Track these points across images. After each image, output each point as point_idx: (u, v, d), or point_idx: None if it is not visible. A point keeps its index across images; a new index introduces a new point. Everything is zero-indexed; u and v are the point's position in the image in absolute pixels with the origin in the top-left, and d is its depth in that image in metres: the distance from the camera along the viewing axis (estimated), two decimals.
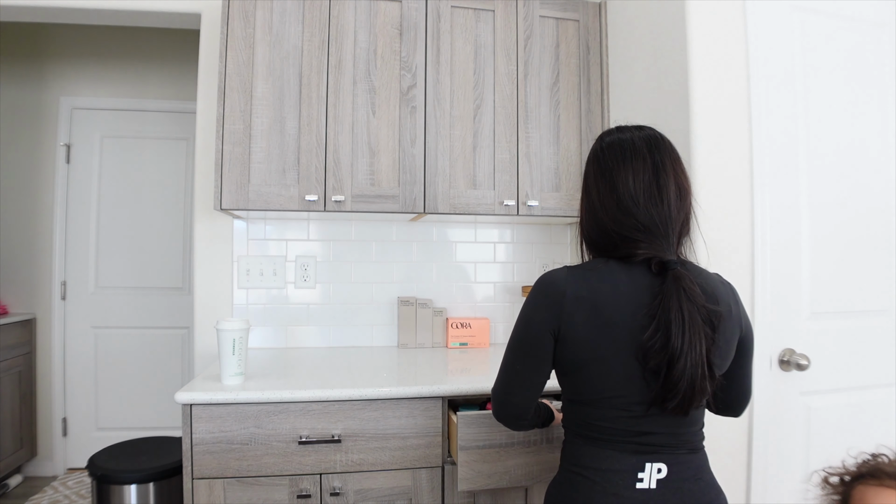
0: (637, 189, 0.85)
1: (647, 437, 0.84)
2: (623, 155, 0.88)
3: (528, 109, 1.82)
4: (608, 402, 0.84)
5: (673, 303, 0.79)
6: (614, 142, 0.91)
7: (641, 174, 0.86)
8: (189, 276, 2.99)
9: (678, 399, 0.79)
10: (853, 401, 1.54)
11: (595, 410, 0.86)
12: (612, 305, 0.83)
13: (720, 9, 1.45)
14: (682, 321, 0.78)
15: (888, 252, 1.59)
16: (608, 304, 0.83)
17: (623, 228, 0.86)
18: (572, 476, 0.88)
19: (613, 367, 0.83)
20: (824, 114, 1.53)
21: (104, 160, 2.96)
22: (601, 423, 0.86)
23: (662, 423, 0.84)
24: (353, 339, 2.01)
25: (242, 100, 1.63)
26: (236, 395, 1.29)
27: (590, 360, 0.84)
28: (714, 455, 1.40)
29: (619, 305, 0.83)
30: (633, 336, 0.81)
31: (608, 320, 0.83)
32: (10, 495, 2.61)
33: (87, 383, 2.92)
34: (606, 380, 0.84)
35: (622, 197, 0.86)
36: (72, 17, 1.96)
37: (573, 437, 0.91)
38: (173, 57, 3.01)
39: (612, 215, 0.87)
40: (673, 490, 0.83)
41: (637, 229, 0.85)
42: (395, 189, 1.71)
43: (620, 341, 0.82)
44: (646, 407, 0.83)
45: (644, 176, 0.86)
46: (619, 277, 0.85)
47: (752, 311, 1.43)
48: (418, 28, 1.74)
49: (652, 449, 0.84)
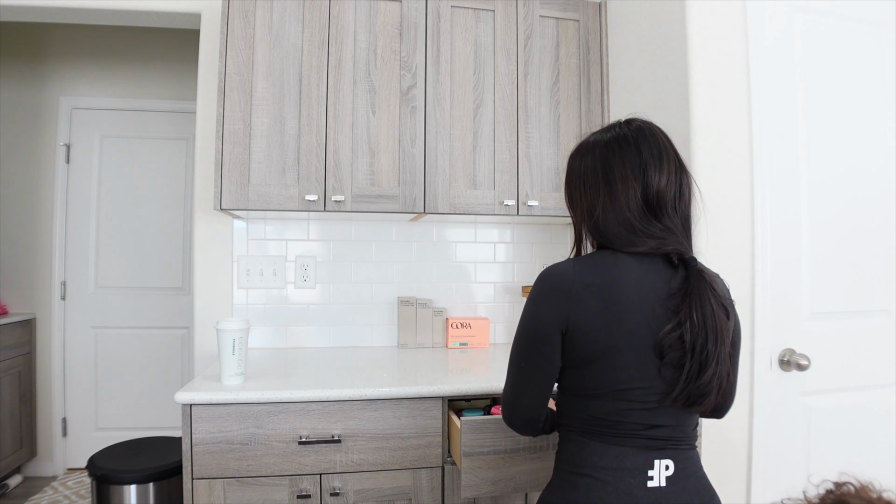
0: (666, 189, 0.85)
1: (657, 430, 0.83)
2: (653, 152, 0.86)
3: (528, 109, 1.82)
4: (623, 395, 0.82)
5: (704, 301, 0.79)
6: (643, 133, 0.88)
7: (667, 175, 0.85)
8: (189, 276, 2.99)
9: (708, 398, 0.80)
10: (853, 401, 1.54)
11: (607, 404, 0.83)
12: (626, 293, 0.81)
13: (720, 9, 1.45)
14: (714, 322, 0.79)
15: (888, 251, 1.59)
16: (622, 291, 0.82)
17: (649, 224, 0.84)
18: (574, 478, 0.84)
19: (628, 356, 0.81)
20: (825, 113, 1.53)
21: (104, 160, 2.96)
22: (612, 418, 0.83)
23: (673, 416, 0.83)
24: (353, 339, 2.01)
25: (242, 100, 1.63)
26: (236, 395, 1.29)
27: (605, 350, 0.81)
28: (714, 455, 1.40)
29: (632, 293, 0.81)
30: (649, 326, 0.80)
31: (623, 308, 0.81)
32: (9, 495, 2.61)
33: (87, 383, 2.92)
34: (623, 370, 0.81)
35: (649, 195, 0.85)
36: (72, 17, 1.96)
37: (576, 436, 0.87)
38: (173, 57, 3.01)
39: (638, 212, 0.85)
40: (681, 487, 0.83)
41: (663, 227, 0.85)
42: (395, 189, 1.70)
43: (636, 330, 0.81)
44: (660, 398, 0.82)
45: (672, 177, 0.86)
46: (630, 266, 0.83)
47: (752, 311, 1.43)
48: (418, 28, 1.74)
49: (660, 444, 0.83)
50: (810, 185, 1.51)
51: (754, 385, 1.42)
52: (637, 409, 0.82)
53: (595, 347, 0.82)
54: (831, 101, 1.54)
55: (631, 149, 0.87)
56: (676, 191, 0.86)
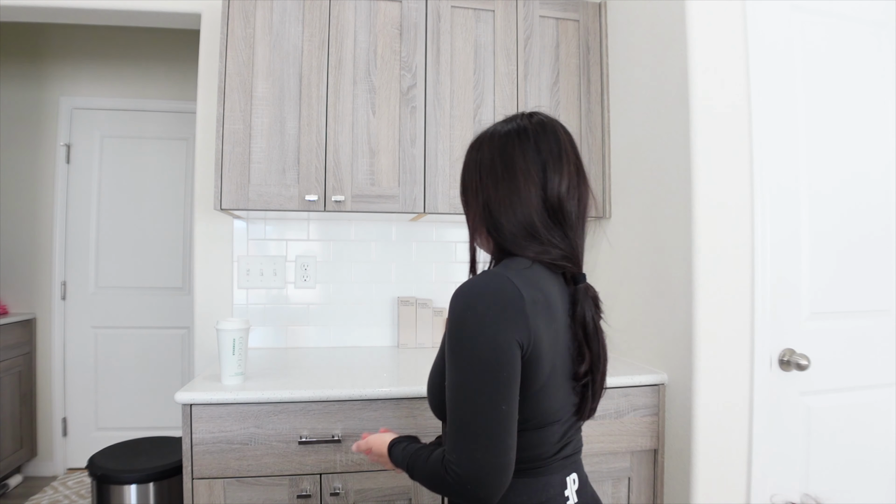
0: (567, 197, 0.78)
1: (567, 447, 0.79)
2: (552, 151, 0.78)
3: (528, 110, 1.81)
4: (555, 419, 0.76)
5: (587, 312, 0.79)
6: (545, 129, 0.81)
7: (567, 180, 0.78)
8: (189, 276, 2.99)
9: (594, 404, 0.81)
10: (853, 401, 1.54)
11: (540, 434, 0.75)
12: (558, 309, 0.76)
13: (720, 9, 1.45)
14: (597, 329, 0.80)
15: (888, 251, 1.59)
16: (556, 307, 0.75)
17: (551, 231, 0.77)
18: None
19: (558, 381, 0.75)
20: (825, 113, 1.53)
21: (104, 160, 2.96)
22: (540, 449, 0.75)
23: (577, 428, 0.82)
24: (352, 339, 2.01)
25: (242, 100, 1.63)
26: (236, 395, 1.29)
27: (550, 374, 0.73)
28: (714, 455, 1.40)
29: (559, 309, 0.76)
30: (567, 345, 0.77)
31: (559, 326, 0.75)
32: (10, 495, 2.61)
33: (87, 383, 2.92)
34: (555, 398, 0.75)
35: (549, 198, 0.77)
36: (72, 17, 1.96)
37: None
38: (173, 57, 3.01)
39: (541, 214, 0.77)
40: (587, 497, 0.82)
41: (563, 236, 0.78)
42: (395, 189, 1.71)
43: (564, 348, 0.76)
44: (572, 418, 0.80)
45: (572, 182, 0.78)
46: (550, 278, 0.77)
47: (752, 311, 1.43)
48: (418, 28, 1.74)
49: (571, 461, 0.80)
50: (810, 184, 1.51)
51: (754, 385, 1.42)
52: (559, 432, 0.77)
53: (543, 373, 0.72)
54: (831, 101, 1.54)
55: (530, 143, 0.79)
56: (577, 201, 0.79)
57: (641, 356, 1.64)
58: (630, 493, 1.51)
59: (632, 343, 1.69)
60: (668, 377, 1.50)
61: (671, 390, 1.49)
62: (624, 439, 1.49)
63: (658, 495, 1.52)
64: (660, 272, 1.55)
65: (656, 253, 1.57)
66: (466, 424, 0.68)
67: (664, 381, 1.51)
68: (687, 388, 1.42)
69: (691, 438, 1.40)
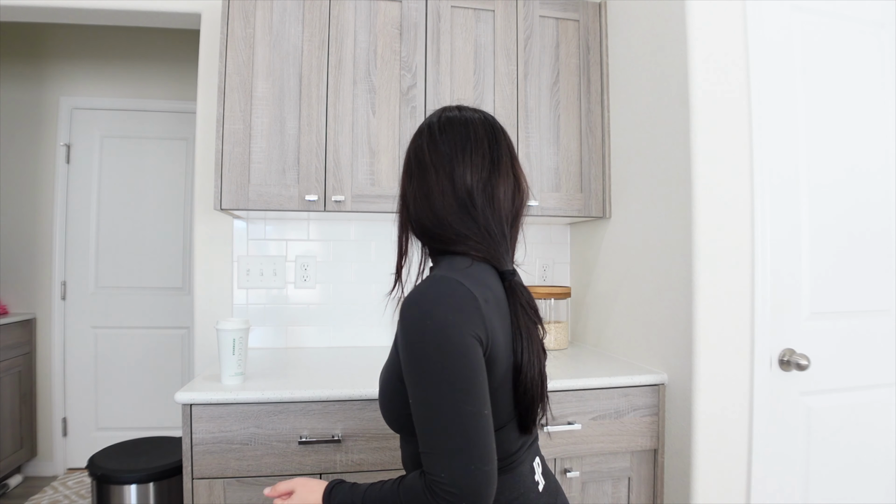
0: (473, 186, 0.77)
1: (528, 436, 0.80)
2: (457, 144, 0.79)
3: (527, 110, 1.82)
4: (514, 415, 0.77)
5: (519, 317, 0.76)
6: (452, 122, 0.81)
7: (476, 172, 0.77)
8: (189, 276, 2.99)
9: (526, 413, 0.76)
10: (853, 401, 1.53)
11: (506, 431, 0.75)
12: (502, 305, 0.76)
13: (720, 9, 1.45)
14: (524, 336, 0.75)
15: (888, 251, 1.59)
16: (501, 303, 0.75)
17: (460, 224, 0.77)
18: None
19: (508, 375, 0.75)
20: (825, 113, 1.53)
21: (104, 160, 2.96)
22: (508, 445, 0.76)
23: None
24: (353, 338, 2.01)
25: (242, 100, 1.63)
26: (236, 395, 1.29)
27: (507, 371, 0.73)
28: (714, 455, 1.40)
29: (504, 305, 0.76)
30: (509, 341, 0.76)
31: (505, 322, 0.75)
32: (10, 495, 2.61)
33: (87, 383, 2.92)
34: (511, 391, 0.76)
35: (458, 190, 0.77)
36: (72, 17, 1.96)
37: None
38: (173, 57, 3.01)
39: (452, 206, 0.77)
40: (550, 480, 0.83)
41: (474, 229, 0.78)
42: (395, 189, 1.70)
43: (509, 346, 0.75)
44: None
45: (481, 175, 0.78)
46: (491, 275, 0.77)
47: (751, 311, 1.43)
48: (418, 28, 1.74)
49: (532, 448, 0.82)
50: (810, 184, 1.51)
51: (754, 385, 1.42)
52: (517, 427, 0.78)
53: (500, 370, 0.72)
54: (831, 101, 1.54)
55: (435, 136, 0.81)
56: (489, 194, 0.77)
57: (641, 356, 1.64)
58: (630, 493, 1.51)
59: (632, 343, 1.69)
60: (667, 377, 1.50)
61: (671, 390, 1.49)
62: (624, 439, 1.49)
63: (658, 495, 1.52)
64: (660, 272, 1.55)
65: (656, 253, 1.57)
66: (452, 439, 0.64)
67: (664, 380, 1.51)
68: (687, 388, 1.42)
69: (691, 438, 1.40)
